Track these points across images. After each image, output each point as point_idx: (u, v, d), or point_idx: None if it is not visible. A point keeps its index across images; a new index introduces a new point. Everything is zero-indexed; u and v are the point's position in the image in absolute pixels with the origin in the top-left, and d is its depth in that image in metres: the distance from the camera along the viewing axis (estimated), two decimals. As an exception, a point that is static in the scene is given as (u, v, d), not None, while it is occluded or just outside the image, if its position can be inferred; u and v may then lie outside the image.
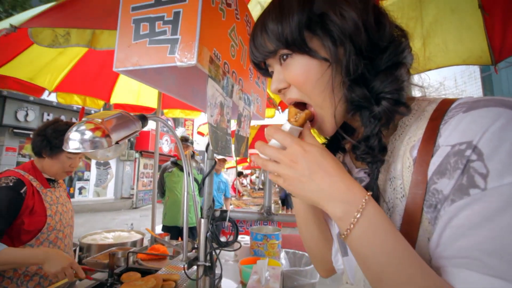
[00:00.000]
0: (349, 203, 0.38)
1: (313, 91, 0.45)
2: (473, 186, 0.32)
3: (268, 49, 0.47)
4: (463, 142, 0.35)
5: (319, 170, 0.40)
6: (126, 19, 0.63)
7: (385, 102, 0.42)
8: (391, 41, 0.44)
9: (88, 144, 0.49)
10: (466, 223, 0.32)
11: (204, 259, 0.87)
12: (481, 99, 0.37)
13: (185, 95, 0.92)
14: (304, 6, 0.43)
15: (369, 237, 0.37)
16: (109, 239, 2.19)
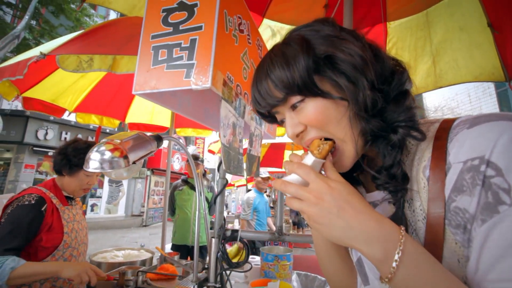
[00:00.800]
0: (386, 241, 0.36)
1: (334, 128, 0.45)
2: (500, 202, 0.32)
3: (277, 97, 0.47)
4: (474, 158, 0.35)
5: (347, 206, 0.38)
6: (146, 46, 0.68)
7: (402, 130, 0.43)
8: (392, 71, 0.46)
9: (107, 164, 0.51)
10: (503, 243, 0.32)
11: (214, 280, 0.86)
12: (482, 115, 0.39)
13: (198, 115, 0.95)
14: (308, 51, 0.44)
15: (415, 277, 0.35)
16: (119, 257, 2.18)
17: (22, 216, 1.12)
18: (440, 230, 0.38)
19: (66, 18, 6.67)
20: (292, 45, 0.46)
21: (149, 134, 0.66)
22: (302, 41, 0.46)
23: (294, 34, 0.49)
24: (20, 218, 1.12)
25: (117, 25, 1.27)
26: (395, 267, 0.35)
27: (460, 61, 1.70)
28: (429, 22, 1.76)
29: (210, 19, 0.63)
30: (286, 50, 0.46)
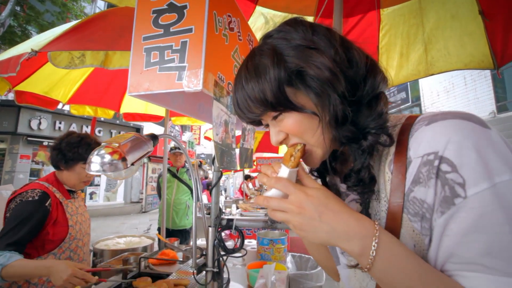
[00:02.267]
0: (364, 237, 0.39)
1: (311, 137, 0.47)
2: (456, 195, 0.36)
3: (256, 113, 0.48)
4: (430, 153, 0.39)
5: (327, 210, 0.41)
6: (138, 48, 0.70)
7: (371, 137, 0.45)
8: (366, 74, 0.46)
9: (107, 167, 0.55)
10: (459, 231, 0.36)
11: (212, 265, 0.92)
12: (439, 113, 0.42)
13: (192, 111, 0.98)
14: (279, 64, 0.44)
15: (392, 265, 0.38)
16: (121, 244, 2.26)
17: (27, 211, 1.16)
18: (398, 217, 0.43)
19: (52, 4, 6.42)
20: (264, 58, 0.46)
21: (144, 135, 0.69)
22: (273, 55, 0.45)
23: (266, 45, 0.48)
24: (24, 213, 1.15)
25: (107, 18, 1.26)
26: (372, 258, 0.39)
27: (451, 49, 1.72)
28: (421, 9, 1.75)
29: (200, 22, 0.65)
30: (258, 63, 0.46)
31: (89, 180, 1.46)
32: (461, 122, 0.38)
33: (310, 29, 0.46)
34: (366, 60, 0.47)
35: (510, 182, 0.35)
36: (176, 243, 2.13)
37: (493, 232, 0.34)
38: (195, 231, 0.94)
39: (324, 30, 0.47)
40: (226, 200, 6.98)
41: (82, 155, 1.36)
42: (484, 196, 0.35)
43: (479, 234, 0.35)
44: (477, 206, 0.35)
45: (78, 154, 1.35)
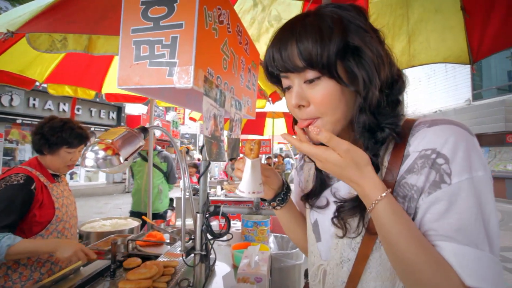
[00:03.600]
0: (379, 189, 0.47)
1: (331, 112, 0.52)
2: (443, 182, 0.46)
3: (296, 66, 0.50)
4: (428, 149, 0.48)
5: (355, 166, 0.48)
6: (127, 40, 0.69)
7: (388, 131, 0.52)
8: (397, 78, 0.55)
9: (102, 162, 0.57)
10: (439, 211, 0.46)
11: (200, 248, 0.98)
12: (438, 119, 0.51)
13: (180, 101, 0.99)
14: (343, 36, 0.48)
15: (392, 210, 0.46)
16: (107, 226, 2.29)
17: (14, 195, 1.16)
18: None
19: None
20: (329, 22, 0.48)
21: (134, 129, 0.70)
22: (340, 24, 0.48)
23: (331, 11, 0.50)
24: (11, 197, 1.16)
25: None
26: (376, 202, 0.47)
27: (432, 43, 1.78)
28: (408, 0, 1.78)
29: (190, 17, 0.65)
30: (322, 25, 0.48)
31: (73, 163, 1.46)
32: (456, 128, 0.48)
33: (369, 21, 0.53)
34: (397, 69, 0.56)
35: (482, 177, 0.46)
36: (163, 225, 2.18)
37: (464, 213, 0.45)
38: (184, 216, 0.99)
39: (376, 30, 0.54)
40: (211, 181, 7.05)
41: (66, 139, 1.35)
42: (463, 184, 0.45)
43: (454, 213, 0.45)
44: (456, 192, 0.45)
45: (62, 138, 1.34)
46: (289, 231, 0.80)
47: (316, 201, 0.68)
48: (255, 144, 0.61)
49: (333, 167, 0.48)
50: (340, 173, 0.49)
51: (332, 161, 0.47)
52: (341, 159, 0.47)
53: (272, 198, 0.74)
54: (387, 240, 0.48)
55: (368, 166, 0.49)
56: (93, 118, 10.36)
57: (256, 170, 0.64)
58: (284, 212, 0.76)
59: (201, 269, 1.00)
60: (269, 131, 6.58)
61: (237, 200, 4.46)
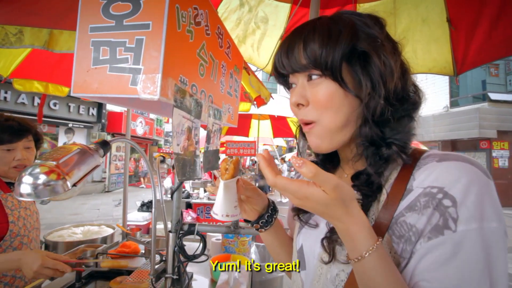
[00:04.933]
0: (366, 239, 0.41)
1: (329, 115, 0.49)
2: (447, 227, 0.40)
3: (301, 64, 0.49)
4: (434, 187, 0.42)
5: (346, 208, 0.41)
6: (84, 40, 0.59)
7: (395, 148, 0.48)
8: (409, 94, 0.51)
9: (42, 190, 0.46)
10: (440, 259, 0.40)
11: (172, 272, 0.89)
12: (450, 154, 0.45)
13: (153, 108, 0.89)
14: (352, 40, 0.47)
15: (383, 265, 0.40)
16: (78, 234, 2.12)
17: None
18: (380, 234, 0.45)
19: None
20: (340, 25, 0.48)
21: (92, 144, 0.60)
22: (351, 27, 0.48)
23: (345, 17, 0.50)
24: None
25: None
26: (363, 256, 0.41)
27: (418, 53, 1.78)
28: (396, 9, 1.76)
29: (159, 17, 0.56)
30: (332, 27, 0.48)
31: (22, 164, 1.22)
32: (471, 167, 0.42)
33: (385, 30, 0.51)
34: (413, 86, 0.52)
35: (495, 229, 0.39)
36: (139, 234, 2.05)
37: (467, 267, 0.38)
38: (154, 237, 0.89)
39: (394, 41, 0.52)
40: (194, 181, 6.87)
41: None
42: (470, 234, 0.39)
43: (454, 266, 0.39)
44: (460, 241, 0.39)
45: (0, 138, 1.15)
46: (274, 254, 0.74)
47: (307, 218, 0.62)
48: (231, 163, 0.56)
49: (315, 206, 0.41)
50: (323, 211, 0.42)
51: (316, 199, 0.40)
52: (327, 196, 0.40)
53: (255, 220, 0.68)
54: None
55: (353, 202, 0.42)
56: (72, 114, 9.87)
57: (231, 191, 0.59)
58: (268, 235, 0.70)
59: (172, 294, 0.91)
60: (255, 133, 6.52)
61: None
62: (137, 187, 12.11)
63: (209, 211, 4.48)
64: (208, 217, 4.59)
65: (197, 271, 1.57)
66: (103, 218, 6.67)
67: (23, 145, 1.22)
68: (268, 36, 2.21)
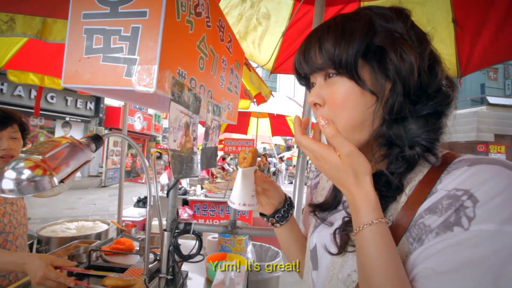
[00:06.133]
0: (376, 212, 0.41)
1: (344, 113, 0.47)
2: (458, 224, 0.37)
3: (317, 64, 0.48)
4: (460, 189, 0.39)
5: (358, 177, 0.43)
6: (77, 28, 0.56)
7: (418, 148, 0.45)
8: (438, 89, 0.46)
9: (26, 186, 0.43)
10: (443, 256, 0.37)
11: (166, 272, 0.86)
12: (484, 158, 0.42)
13: (150, 102, 0.86)
14: (367, 35, 0.45)
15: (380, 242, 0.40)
16: (72, 230, 2.09)
17: None
18: (397, 237, 0.43)
19: None
20: (356, 22, 0.46)
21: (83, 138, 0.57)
22: (366, 23, 0.46)
23: (363, 12, 0.48)
24: None
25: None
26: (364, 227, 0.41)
27: (422, 53, 1.75)
28: (400, 8, 1.73)
29: (157, 4, 0.53)
30: (347, 24, 0.46)
31: (7, 153, 1.16)
32: (504, 170, 0.39)
33: (410, 23, 0.47)
34: (446, 80, 0.48)
35: None
36: (134, 230, 2.02)
37: (471, 268, 0.35)
38: (148, 236, 0.86)
39: (421, 32, 0.48)
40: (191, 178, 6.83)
41: None
42: (483, 234, 0.35)
43: (458, 266, 0.35)
44: (470, 239, 0.35)
45: None
46: (287, 251, 0.73)
47: (324, 216, 0.60)
48: (250, 152, 0.58)
49: (328, 168, 0.44)
50: (334, 175, 0.44)
51: (330, 161, 0.43)
52: (340, 161, 0.42)
53: (271, 214, 0.67)
54: (363, 270, 0.42)
55: (366, 176, 0.42)
56: (69, 107, 9.77)
57: (248, 180, 0.59)
58: (283, 230, 0.69)
59: (166, 294, 0.88)
60: (253, 131, 6.48)
61: (217, 201, 4.34)
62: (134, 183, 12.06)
63: (206, 209, 4.44)
64: (205, 215, 4.56)
65: (192, 269, 1.54)
66: (99, 213, 6.62)
67: (8, 135, 1.17)
68: (269, 33, 2.17)
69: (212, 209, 4.46)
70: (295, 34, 2.19)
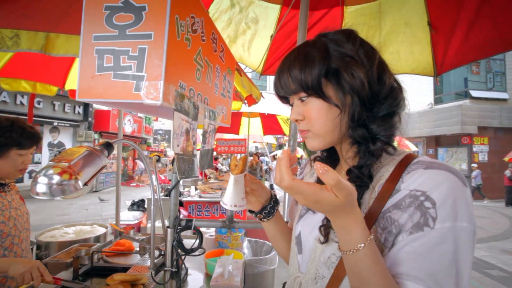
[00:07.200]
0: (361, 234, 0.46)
1: (319, 125, 0.58)
2: (427, 225, 0.48)
3: (291, 89, 0.58)
4: (419, 190, 0.50)
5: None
6: (89, 48, 0.63)
7: (379, 143, 0.56)
8: (389, 93, 0.57)
9: (56, 189, 0.50)
10: (418, 251, 0.47)
11: (170, 265, 0.94)
12: (435, 162, 0.53)
13: (152, 111, 0.93)
14: (325, 61, 0.54)
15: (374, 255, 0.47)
16: (70, 234, 2.12)
17: None
18: (370, 224, 0.53)
19: None
20: (315, 50, 0.56)
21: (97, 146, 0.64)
22: (322, 51, 0.55)
23: (320, 41, 0.58)
24: None
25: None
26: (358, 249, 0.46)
27: (401, 54, 1.87)
28: (381, 12, 1.85)
29: (160, 28, 0.61)
30: (308, 52, 0.56)
31: (26, 167, 1.32)
32: (451, 176, 0.50)
33: (359, 43, 0.57)
34: (394, 83, 0.58)
35: (465, 228, 0.47)
36: (132, 232, 2.08)
37: (440, 258, 0.46)
38: (153, 233, 0.93)
39: (369, 49, 0.58)
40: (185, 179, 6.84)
41: (17, 139, 1.22)
42: (444, 231, 0.46)
43: (430, 257, 0.46)
44: (436, 236, 0.47)
45: (12, 139, 1.21)
46: (274, 242, 0.82)
47: None
48: (240, 160, 0.64)
49: (323, 207, 0.45)
50: (329, 210, 0.46)
51: (326, 202, 0.44)
52: (338, 200, 0.43)
53: (259, 211, 0.76)
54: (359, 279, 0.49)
55: (355, 202, 0.46)
56: (57, 112, 9.60)
57: (239, 185, 0.66)
58: (270, 224, 0.78)
59: (171, 287, 0.96)
60: (245, 130, 6.55)
61: (211, 201, 4.40)
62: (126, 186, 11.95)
63: (200, 209, 4.50)
64: (200, 215, 4.61)
65: (192, 266, 1.61)
66: (92, 218, 6.57)
67: (31, 151, 1.31)
68: (258, 36, 2.25)
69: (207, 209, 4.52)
70: (283, 37, 2.28)
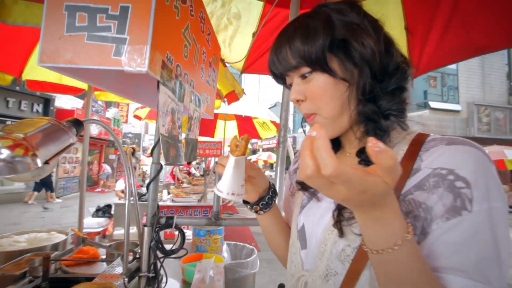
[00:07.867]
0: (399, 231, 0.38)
1: (325, 104, 0.52)
2: (464, 208, 0.42)
3: (291, 64, 0.52)
4: (444, 168, 0.45)
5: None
6: (56, 3, 0.52)
7: (393, 118, 0.51)
8: (397, 67, 0.53)
9: (4, 166, 0.38)
10: (459, 240, 0.42)
11: (147, 269, 0.82)
12: (457, 138, 0.48)
13: (127, 92, 0.83)
14: (329, 30, 0.49)
15: (416, 253, 0.39)
16: (22, 243, 1.85)
17: None
18: None
19: None
20: (317, 20, 0.51)
21: (64, 121, 0.53)
22: (326, 20, 0.50)
23: (322, 10, 0.53)
24: None
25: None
26: (395, 248, 0.38)
27: (380, 57, 1.93)
28: (361, 15, 1.90)
29: (148, -16, 0.52)
30: (310, 23, 0.51)
31: None
32: (477, 152, 0.45)
33: (363, 13, 0.52)
34: (401, 57, 0.54)
35: (500, 209, 0.43)
36: (97, 238, 1.87)
37: (483, 247, 0.41)
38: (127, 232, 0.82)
39: (373, 20, 0.54)
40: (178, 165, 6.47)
41: None
42: (482, 213, 0.42)
43: (473, 247, 0.41)
44: (477, 221, 0.42)
45: None
46: (269, 237, 0.73)
47: (314, 190, 0.62)
48: (243, 140, 0.56)
49: (374, 198, 0.35)
50: (373, 203, 0.36)
51: (378, 191, 0.33)
52: (388, 187, 0.33)
53: (255, 201, 0.67)
54: (392, 280, 0.41)
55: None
56: (11, 110, 8.65)
57: (240, 169, 0.57)
58: (267, 217, 0.70)
59: (147, 294, 0.84)
60: (220, 134, 6.44)
61: (185, 205, 4.21)
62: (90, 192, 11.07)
63: (173, 214, 4.28)
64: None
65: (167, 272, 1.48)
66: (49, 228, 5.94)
67: None
68: (240, 32, 2.21)
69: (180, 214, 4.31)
70: (265, 35, 2.25)
